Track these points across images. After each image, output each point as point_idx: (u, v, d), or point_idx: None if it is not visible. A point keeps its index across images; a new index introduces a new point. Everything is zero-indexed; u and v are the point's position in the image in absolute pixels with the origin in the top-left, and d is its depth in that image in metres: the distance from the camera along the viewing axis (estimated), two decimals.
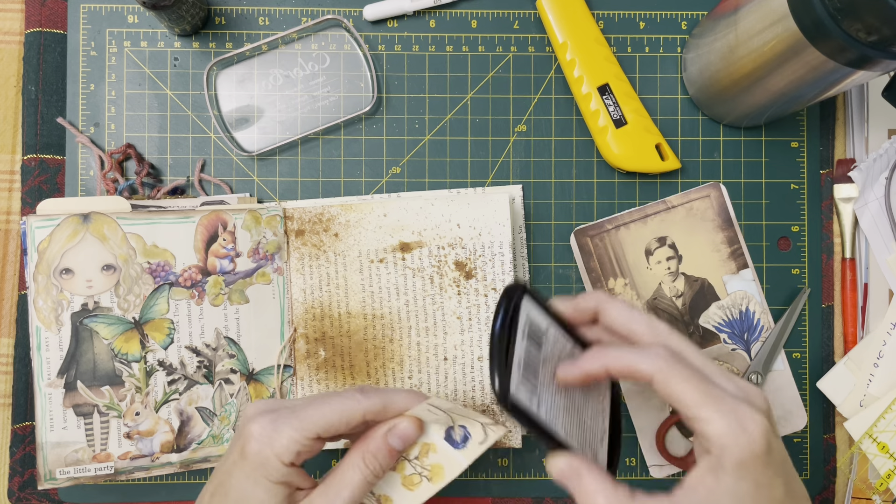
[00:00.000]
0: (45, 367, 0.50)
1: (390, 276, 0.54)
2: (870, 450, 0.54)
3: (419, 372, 0.54)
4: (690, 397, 0.35)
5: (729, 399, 0.35)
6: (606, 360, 0.37)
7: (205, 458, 0.52)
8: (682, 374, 0.35)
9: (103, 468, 0.51)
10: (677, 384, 0.35)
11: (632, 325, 0.39)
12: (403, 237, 0.54)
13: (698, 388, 0.35)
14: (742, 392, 0.36)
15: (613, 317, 0.39)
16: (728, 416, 0.34)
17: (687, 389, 0.35)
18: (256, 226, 0.53)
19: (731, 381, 0.37)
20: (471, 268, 0.54)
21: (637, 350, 0.37)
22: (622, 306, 0.40)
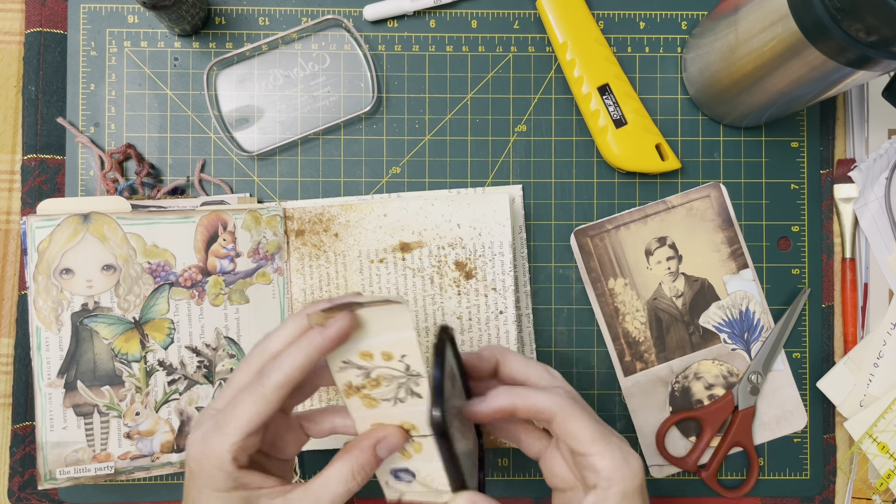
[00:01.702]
0: (46, 367, 0.50)
1: (390, 277, 0.54)
2: (870, 450, 0.54)
3: None
4: (586, 435, 0.39)
5: (615, 439, 0.40)
6: (514, 398, 0.40)
7: None
8: (580, 414, 0.40)
9: (103, 468, 0.51)
10: (575, 422, 0.39)
11: (528, 371, 0.42)
12: (403, 237, 0.54)
13: (593, 428, 0.39)
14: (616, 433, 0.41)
15: (512, 365, 0.43)
16: (615, 453, 0.39)
17: (584, 427, 0.39)
18: (256, 226, 0.53)
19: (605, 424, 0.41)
20: (471, 268, 0.54)
21: (541, 390, 0.40)
22: (519, 357, 0.43)
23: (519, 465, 0.56)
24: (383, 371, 0.40)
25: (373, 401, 0.41)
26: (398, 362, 0.39)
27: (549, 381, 0.42)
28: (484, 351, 0.43)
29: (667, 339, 0.56)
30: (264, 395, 0.38)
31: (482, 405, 0.41)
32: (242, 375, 0.40)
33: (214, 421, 0.39)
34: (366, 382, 0.40)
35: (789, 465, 0.56)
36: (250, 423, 0.38)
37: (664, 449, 0.55)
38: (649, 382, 0.56)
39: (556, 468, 0.42)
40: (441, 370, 0.37)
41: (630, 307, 0.56)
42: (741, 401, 0.55)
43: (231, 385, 0.40)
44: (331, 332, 0.38)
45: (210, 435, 0.38)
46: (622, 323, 0.56)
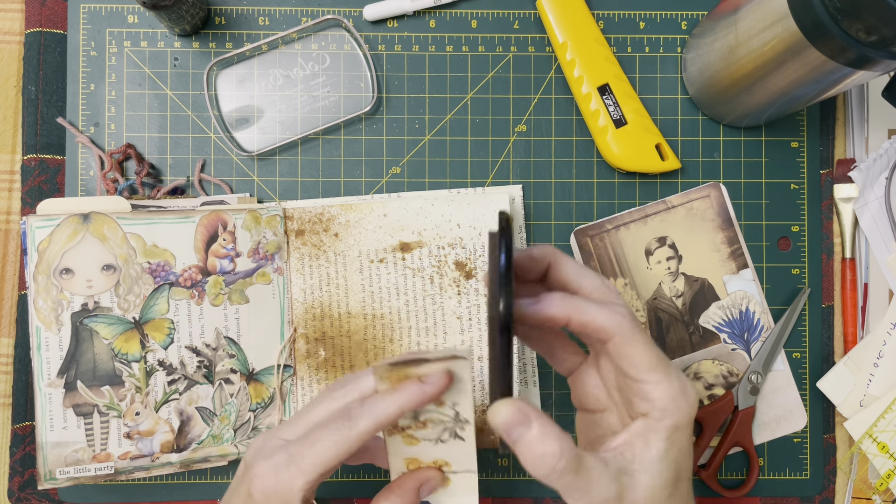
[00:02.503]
0: (45, 367, 0.50)
1: (390, 276, 0.54)
2: (870, 450, 0.54)
3: None
4: (645, 360, 0.36)
5: (674, 368, 0.37)
6: (571, 308, 0.36)
7: (205, 458, 0.52)
8: (641, 337, 0.36)
9: (103, 468, 0.51)
10: (636, 346, 0.36)
11: (583, 280, 0.39)
12: (403, 237, 0.54)
13: (652, 353, 0.36)
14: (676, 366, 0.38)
15: (566, 270, 0.39)
16: (674, 383, 0.36)
17: (644, 352, 0.36)
18: (256, 226, 0.53)
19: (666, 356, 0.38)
20: (471, 268, 0.54)
21: (601, 305, 0.37)
22: (574, 262, 0.39)
23: (519, 466, 0.56)
24: (432, 416, 0.39)
25: (414, 440, 0.41)
26: (449, 409, 0.39)
27: (605, 293, 0.38)
28: (535, 249, 0.39)
29: (667, 339, 0.56)
30: (349, 437, 0.37)
31: (534, 307, 0.37)
32: (323, 411, 0.39)
33: (288, 454, 0.38)
34: (412, 424, 0.40)
35: (789, 465, 0.56)
36: (329, 463, 0.37)
37: None
38: None
39: (590, 387, 0.40)
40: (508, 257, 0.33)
41: (630, 307, 0.56)
42: (741, 401, 0.55)
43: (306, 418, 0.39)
44: (430, 389, 0.37)
45: (283, 468, 0.37)
46: None
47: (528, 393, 0.55)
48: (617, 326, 0.36)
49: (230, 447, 0.53)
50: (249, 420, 0.53)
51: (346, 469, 0.55)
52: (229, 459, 0.53)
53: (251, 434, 0.53)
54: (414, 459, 0.42)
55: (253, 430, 0.53)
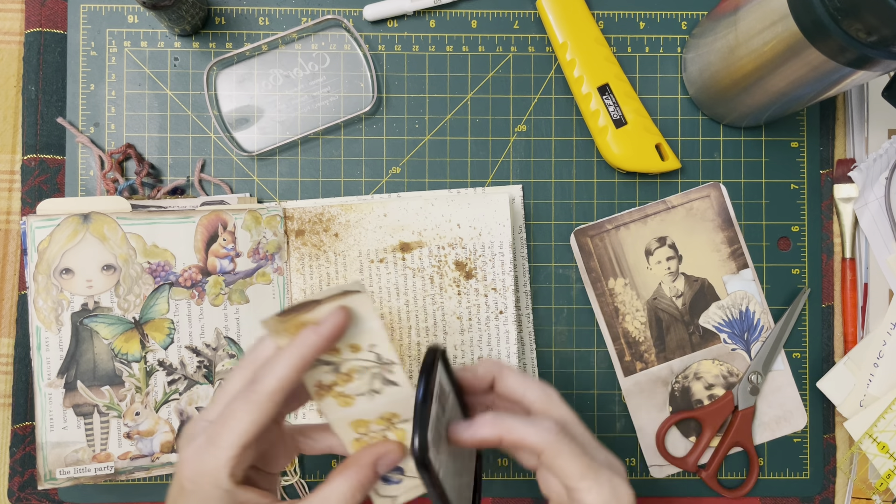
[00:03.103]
0: (45, 367, 0.50)
1: (390, 276, 0.54)
2: (870, 450, 0.54)
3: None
4: (574, 470, 0.38)
5: (605, 471, 0.39)
6: (501, 429, 0.39)
7: None
8: (568, 450, 0.38)
9: (103, 468, 0.51)
10: (563, 459, 0.38)
11: (526, 392, 0.41)
12: (403, 237, 0.54)
13: (581, 462, 0.38)
14: (608, 462, 0.40)
15: (509, 384, 0.41)
16: (604, 487, 0.38)
17: (572, 464, 0.38)
18: (256, 226, 0.53)
19: (600, 450, 0.40)
20: (471, 268, 0.54)
21: (529, 422, 0.39)
22: (517, 374, 0.42)
23: (519, 466, 0.56)
24: (353, 364, 0.39)
25: (347, 398, 0.40)
26: (367, 352, 0.38)
27: (544, 403, 0.41)
28: (480, 367, 0.42)
29: (667, 339, 0.56)
30: (258, 402, 0.36)
31: (467, 432, 0.39)
32: (234, 384, 0.38)
33: (207, 435, 0.37)
34: (337, 378, 0.39)
35: (789, 465, 0.56)
36: (246, 434, 0.36)
37: (664, 449, 0.55)
38: (649, 382, 0.56)
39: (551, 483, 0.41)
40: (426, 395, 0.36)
41: (630, 307, 0.56)
42: (741, 401, 0.55)
43: (222, 395, 0.38)
44: (326, 329, 0.36)
45: (204, 450, 0.37)
46: (622, 323, 0.56)
47: None
48: (544, 442, 0.38)
49: None
50: None
51: None
52: None
53: None
54: (360, 421, 0.40)
55: None
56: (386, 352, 0.38)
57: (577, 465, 0.38)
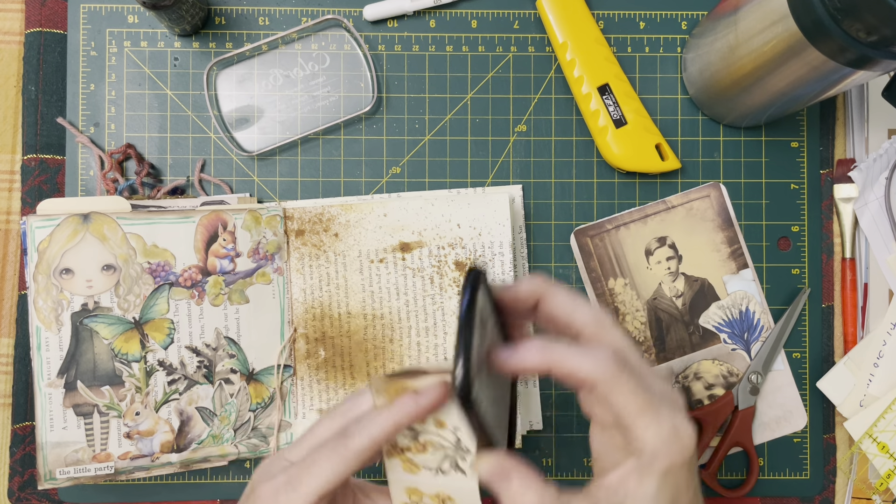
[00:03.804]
0: (45, 367, 0.50)
1: (390, 276, 0.54)
2: (870, 450, 0.54)
3: None
4: (633, 405, 0.34)
5: (665, 408, 0.35)
6: (550, 359, 0.35)
7: (205, 458, 0.52)
8: (626, 384, 0.34)
9: (103, 468, 0.51)
10: (620, 394, 0.34)
11: (575, 314, 0.37)
12: (403, 237, 0.54)
13: (640, 398, 0.34)
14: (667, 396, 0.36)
15: (556, 304, 0.37)
16: (665, 424, 0.34)
17: (629, 400, 0.34)
18: (256, 226, 0.53)
19: (657, 380, 0.36)
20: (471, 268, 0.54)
21: (582, 352, 0.35)
22: (566, 294, 0.37)
23: None
24: (432, 438, 0.38)
25: (414, 466, 0.39)
26: (450, 433, 0.37)
27: (596, 328, 0.37)
28: (524, 284, 0.37)
29: (667, 339, 0.56)
30: (346, 457, 0.36)
31: (512, 359, 0.35)
32: (323, 431, 0.38)
33: (288, 476, 0.37)
34: (412, 445, 0.38)
35: (789, 465, 0.56)
36: (328, 485, 0.36)
37: None
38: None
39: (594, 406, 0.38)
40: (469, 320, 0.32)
41: (630, 307, 0.56)
42: (741, 401, 0.55)
43: (308, 439, 0.38)
44: (425, 401, 0.35)
45: (282, 491, 0.36)
46: (622, 323, 0.56)
47: (528, 393, 0.55)
48: (600, 375, 0.34)
49: (230, 447, 0.53)
50: (249, 420, 0.53)
51: None
52: (229, 459, 0.53)
53: (251, 434, 0.53)
54: (415, 490, 0.40)
55: (253, 430, 0.53)
56: (466, 439, 0.36)
57: (636, 401, 0.34)
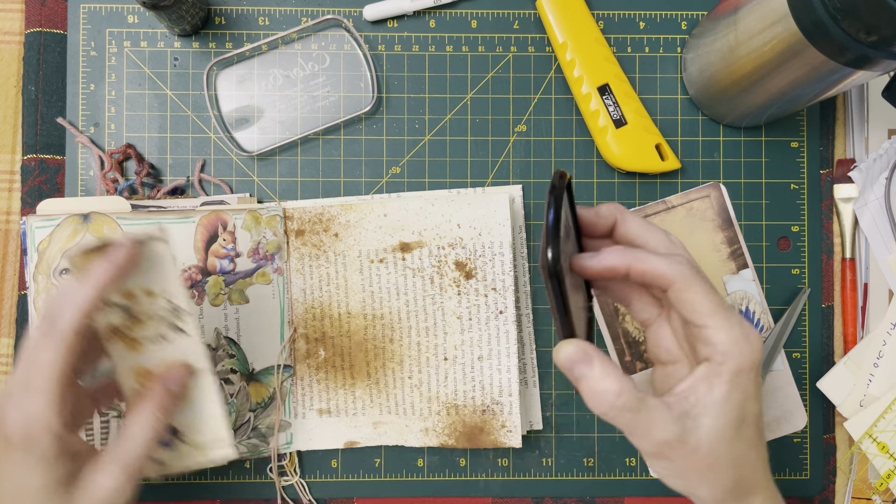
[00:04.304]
0: None
1: (390, 276, 0.54)
2: (870, 450, 0.54)
3: (419, 372, 0.54)
4: (705, 306, 0.37)
5: (735, 314, 0.37)
6: (632, 259, 0.38)
7: None
8: (701, 284, 0.37)
9: None
10: (696, 292, 0.37)
11: (647, 235, 0.39)
12: (403, 237, 0.54)
13: (713, 299, 0.37)
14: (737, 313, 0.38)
15: (630, 226, 0.40)
16: (736, 327, 0.36)
17: (704, 299, 0.37)
18: (256, 226, 0.53)
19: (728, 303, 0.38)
20: (471, 268, 0.54)
21: (660, 255, 0.38)
22: (639, 219, 0.40)
23: (519, 466, 0.56)
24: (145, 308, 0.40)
25: (137, 343, 0.41)
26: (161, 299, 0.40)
27: (668, 247, 0.39)
28: (602, 208, 0.40)
29: None
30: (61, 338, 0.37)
31: (594, 259, 0.38)
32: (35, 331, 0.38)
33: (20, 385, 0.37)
34: (128, 322, 0.40)
35: (789, 465, 0.56)
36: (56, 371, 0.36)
37: None
38: (649, 382, 0.56)
39: (663, 339, 0.40)
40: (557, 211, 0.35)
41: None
42: None
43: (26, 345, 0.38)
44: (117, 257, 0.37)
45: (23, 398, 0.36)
46: (622, 323, 0.56)
47: (528, 393, 0.55)
48: (676, 273, 0.37)
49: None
50: (249, 420, 0.53)
51: (346, 468, 0.55)
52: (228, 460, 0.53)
53: (251, 434, 0.53)
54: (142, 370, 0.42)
55: (253, 430, 0.53)
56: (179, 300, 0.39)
57: (709, 300, 0.37)
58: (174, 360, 0.41)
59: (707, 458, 0.36)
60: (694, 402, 0.37)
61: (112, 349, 0.41)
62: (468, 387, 0.54)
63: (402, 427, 0.54)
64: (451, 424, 0.54)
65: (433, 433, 0.54)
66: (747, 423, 0.37)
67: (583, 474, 0.56)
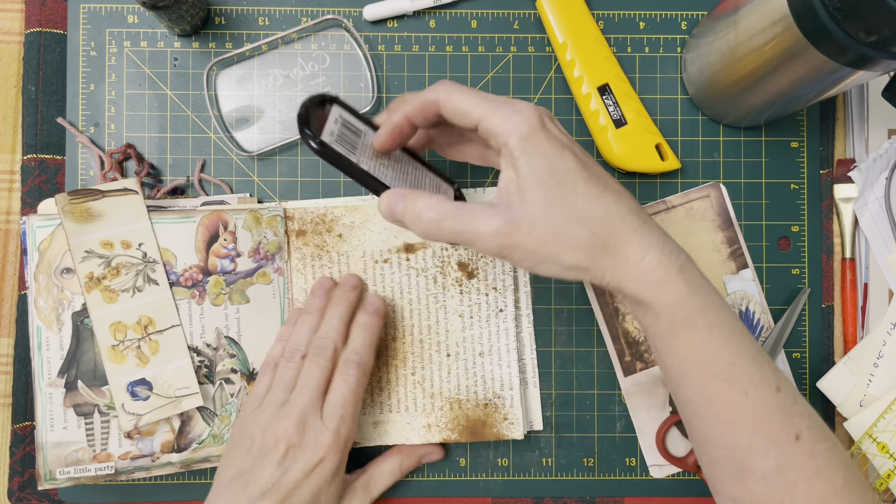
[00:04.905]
0: (46, 366, 0.50)
1: (394, 276, 0.54)
2: (870, 450, 0.54)
3: (422, 368, 0.54)
4: (468, 103, 0.40)
5: (503, 101, 0.40)
6: (403, 106, 0.42)
7: (205, 458, 0.52)
8: (462, 91, 0.40)
9: (104, 468, 0.51)
10: (459, 99, 0.40)
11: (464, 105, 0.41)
12: (408, 238, 0.54)
13: (478, 98, 0.40)
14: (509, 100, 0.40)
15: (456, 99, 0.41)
16: (502, 108, 0.39)
17: (466, 100, 0.40)
18: (257, 226, 0.53)
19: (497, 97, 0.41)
20: (473, 268, 0.54)
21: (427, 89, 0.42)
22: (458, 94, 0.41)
23: (519, 465, 0.56)
24: (123, 259, 0.46)
25: (112, 293, 0.45)
26: (136, 250, 0.46)
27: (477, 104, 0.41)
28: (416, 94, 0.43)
29: None
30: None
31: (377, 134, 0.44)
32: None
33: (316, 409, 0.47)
34: (107, 272, 0.46)
35: None
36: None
37: (664, 449, 0.55)
38: (649, 382, 0.56)
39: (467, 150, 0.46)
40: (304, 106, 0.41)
41: None
42: None
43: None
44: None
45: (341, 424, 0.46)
46: (622, 323, 0.56)
47: (529, 393, 0.55)
48: (438, 91, 0.41)
49: None
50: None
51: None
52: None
53: None
54: (119, 325, 0.46)
55: None
56: (152, 251, 0.45)
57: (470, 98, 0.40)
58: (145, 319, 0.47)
59: (547, 224, 0.38)
60: (506, 188, 0.39)
61: (91, 299, 0.45)
62: (470, 381, 0.54)
63: (404, 425, 0.54)
64: (455, 419, 0.54)
65: (436, 429, 0.54)
66: (570, 181, 0.39)
67: (583, 474, 0.56)
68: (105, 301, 0.43)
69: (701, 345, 0.39)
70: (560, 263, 0.39)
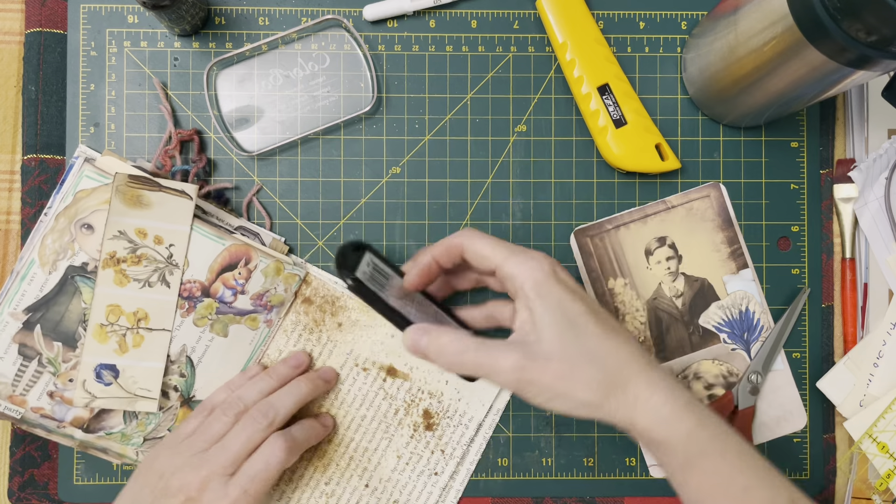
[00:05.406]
0: (19, 297, 0.51)
1: (364, 387, 0.54)
2: (870, 450, 0.54)
3: (336, 484, 0.54)
4: (487, 249, 0.44)
5: (519, 249, 0.44)
6: (431, 250, 0.46)
7: (104, 449, 0.53)
8: (484, 238, 0.45)
9: (12, 410, 0.51)
10: (480, 244, 0.44)
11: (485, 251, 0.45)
12: (396, 363, 0.55)
13: (496, 245, 0.44)
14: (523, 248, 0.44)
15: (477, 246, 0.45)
16: (517, 256, 0.43)
17: (487, 246, 0.44)
18: (275, 276, 0.53)
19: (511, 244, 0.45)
20: (435, 423, 0.54)
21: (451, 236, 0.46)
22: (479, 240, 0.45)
23: (519, 465, 0.56)
24: (148, 252, 0.46)
25: (125, 279, 0.46)
26: (165, 249, 0.46)
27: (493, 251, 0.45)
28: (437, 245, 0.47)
29: (667, 339, 0.56)
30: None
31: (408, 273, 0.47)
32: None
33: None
34: (128, 257, 0.46)
35: (789, 465, 0.56)
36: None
37: None
38: None
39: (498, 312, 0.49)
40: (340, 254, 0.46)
41: (630, 307, 0.56)
42: (741, 401, 0.55)
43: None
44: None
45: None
46: (622, 323, 0.56)
47: None
48: (462, 237, 0.45)
49: (132, 452, 0.53)
50: (163, 437, 0.53)
51: None
52: (123, 462, 0.54)
53: None
54: (116, 308, 0.47)
55: None
56: (179, 256, 0.46)
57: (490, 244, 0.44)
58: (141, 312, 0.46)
59: (562, 361, 0.41)
60: (522, 327, 0.43)
61: (103, 274, 0.45)
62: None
63: None
64: None
65: None
66: (581, 322, 0.42)
67: (583, 474, 0.56)
68: (115, 282, 0.44)
69: (716, 471, 0.41)
70: (574, 399, 0.41)
